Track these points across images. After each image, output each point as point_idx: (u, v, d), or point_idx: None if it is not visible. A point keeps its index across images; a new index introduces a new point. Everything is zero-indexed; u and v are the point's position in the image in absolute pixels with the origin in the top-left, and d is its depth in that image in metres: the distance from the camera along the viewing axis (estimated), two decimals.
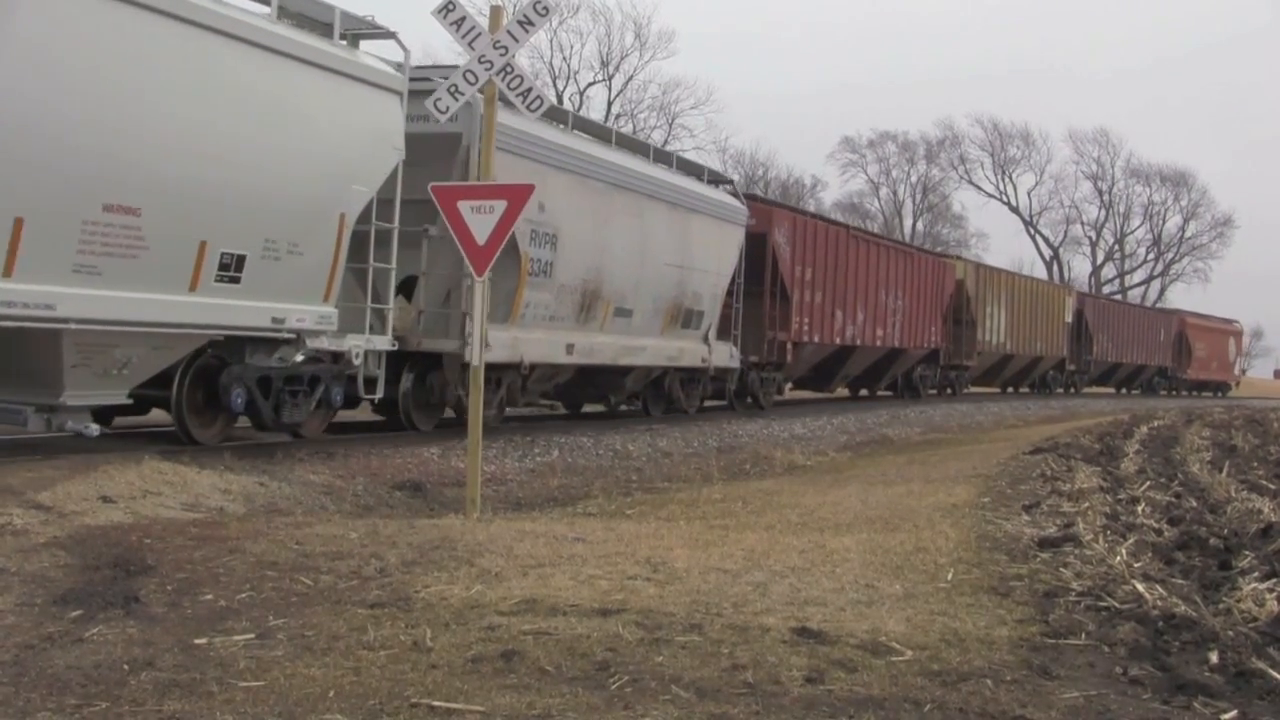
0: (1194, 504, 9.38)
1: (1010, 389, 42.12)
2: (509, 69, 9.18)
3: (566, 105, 47.40)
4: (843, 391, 31.76)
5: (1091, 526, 7.61)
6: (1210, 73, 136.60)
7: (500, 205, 8.91)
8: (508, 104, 9.64)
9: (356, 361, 11.98)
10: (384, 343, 12.33)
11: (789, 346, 23.34)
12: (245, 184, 10.12)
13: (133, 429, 12.39)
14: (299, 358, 11.37)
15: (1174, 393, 53.98)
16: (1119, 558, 6.51)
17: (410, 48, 12.80)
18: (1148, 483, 10.68)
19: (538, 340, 15.06)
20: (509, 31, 9.19)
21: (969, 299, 34.23)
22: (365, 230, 11.98)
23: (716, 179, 21.47)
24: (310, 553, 6.50)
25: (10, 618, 5.12)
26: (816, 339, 24.69)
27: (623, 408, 19.72)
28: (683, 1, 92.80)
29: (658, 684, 4.33)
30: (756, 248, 21.70)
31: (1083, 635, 5.11)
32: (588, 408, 20.27)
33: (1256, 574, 6.22)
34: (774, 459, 16.92)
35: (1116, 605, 5.55)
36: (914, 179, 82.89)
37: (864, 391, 32.46)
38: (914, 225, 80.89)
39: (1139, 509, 8.79)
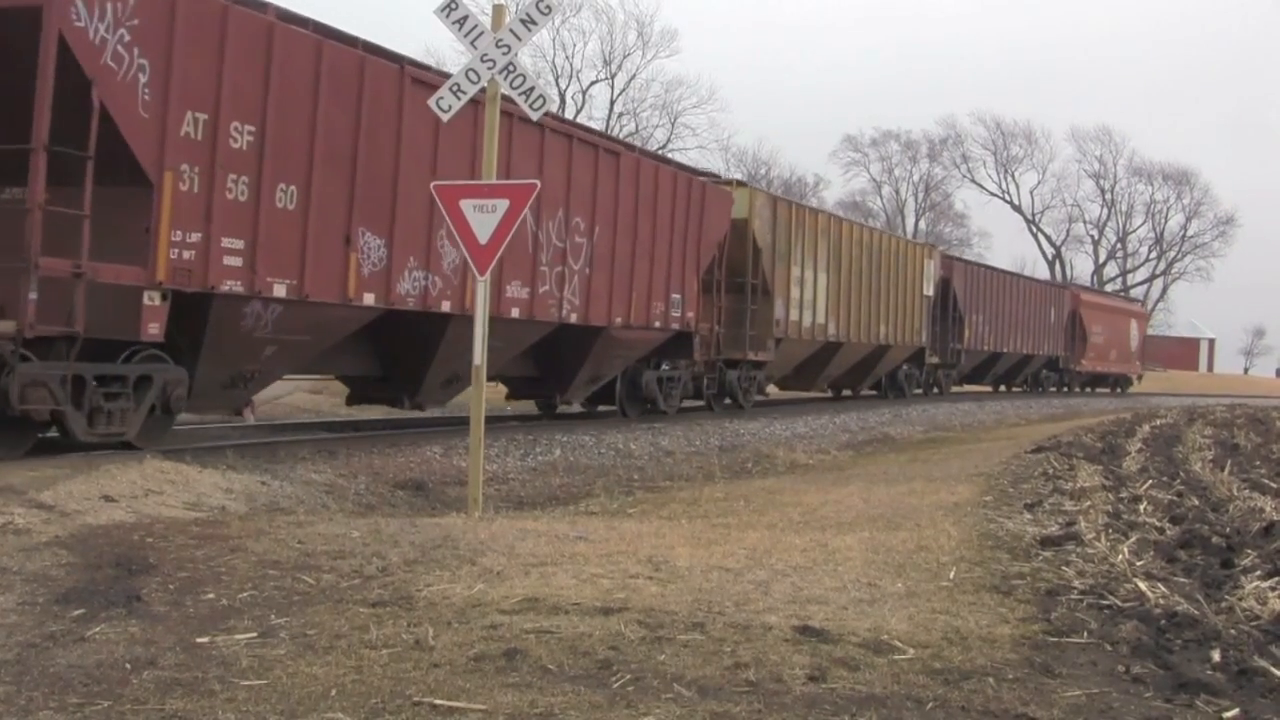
0: (1196, 502, 9.37)
1: (847, 393, 29.58)
2: (511, 68, 9.18)
3: (569, 104, 47.23)
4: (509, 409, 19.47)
5: (1093, 525, 7.60)
6: (1214, 71, 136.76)
7: (503, 204, 8.94)
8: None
9: None
10: None
11: (145, 302, 9.76)
12: None
13: None
14: None
15: (1066, 390, 44.27)
16: (1121, 556, 6.50)
17: (411, 47, 12.61)
18: (1150, 481, 10.65)
19: None
20: (511, 30, 9.20)
21: (759, 251, 21.13)
22: None
23: None
24: (312, 551, 6.50)
25: (12, 616, 5.12)
26: (281, 291, 11.01)
27: None
28: (685, 0, 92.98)
29: (660, 682, 4.32)
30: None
31: (1085, 633, 5.11)
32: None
33: (1259, 572, 6.21)
34: (776, 457, 16.96)
35: (1118, 603, 5.55)
36: (916, 178, 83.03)
37: (564, 410, 19.00)
38: (916, 223, 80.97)
39: (1141, 507, 8.77)
